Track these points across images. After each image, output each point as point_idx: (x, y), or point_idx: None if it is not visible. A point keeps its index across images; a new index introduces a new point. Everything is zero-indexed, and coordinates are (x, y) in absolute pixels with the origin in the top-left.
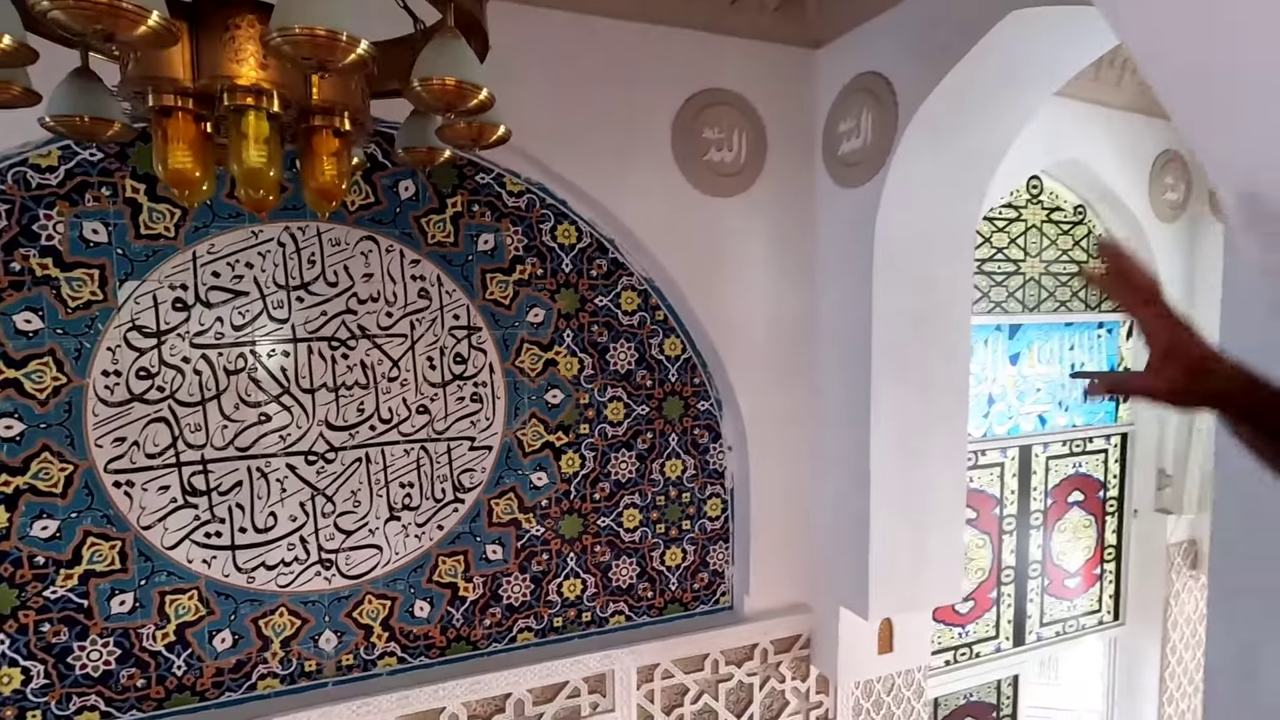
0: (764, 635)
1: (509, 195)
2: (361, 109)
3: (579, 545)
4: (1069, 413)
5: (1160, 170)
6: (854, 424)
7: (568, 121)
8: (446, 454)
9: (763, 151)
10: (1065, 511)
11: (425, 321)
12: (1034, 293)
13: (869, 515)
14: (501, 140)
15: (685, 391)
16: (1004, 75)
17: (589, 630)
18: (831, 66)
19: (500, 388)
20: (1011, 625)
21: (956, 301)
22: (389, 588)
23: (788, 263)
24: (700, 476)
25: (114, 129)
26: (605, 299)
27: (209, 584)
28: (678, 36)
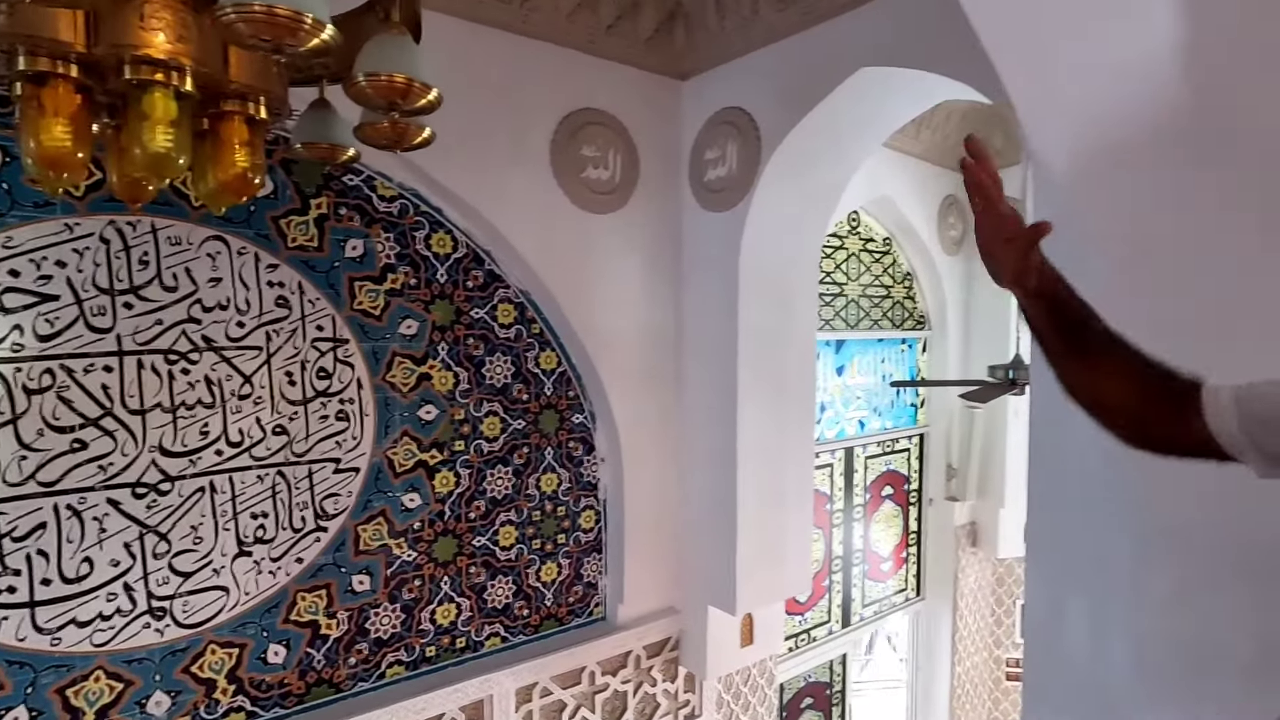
0: (637, 642)
1: (380, 199)
2: (280, 96)
3: (453, 568)
4: (882, 417)
5: (945, 211)
6: (720, 431)
7: (447, 128)
8: (307, 478)
9: (635, 172)
10: (880, 504)
11: (284, 332)
12: (854, 312)
13: (735, 517)
14: (425, 143)
15: (561, 404)
16: (851, 121)
17: (464, 656)
18: (698, 98)
19: (369, 404)
20: (840, 609)
21: (805, 318)
22: (236, 633)
23: (658, 279)
24: (575, 489)
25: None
26: (482, 311)
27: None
28: (559, 54)
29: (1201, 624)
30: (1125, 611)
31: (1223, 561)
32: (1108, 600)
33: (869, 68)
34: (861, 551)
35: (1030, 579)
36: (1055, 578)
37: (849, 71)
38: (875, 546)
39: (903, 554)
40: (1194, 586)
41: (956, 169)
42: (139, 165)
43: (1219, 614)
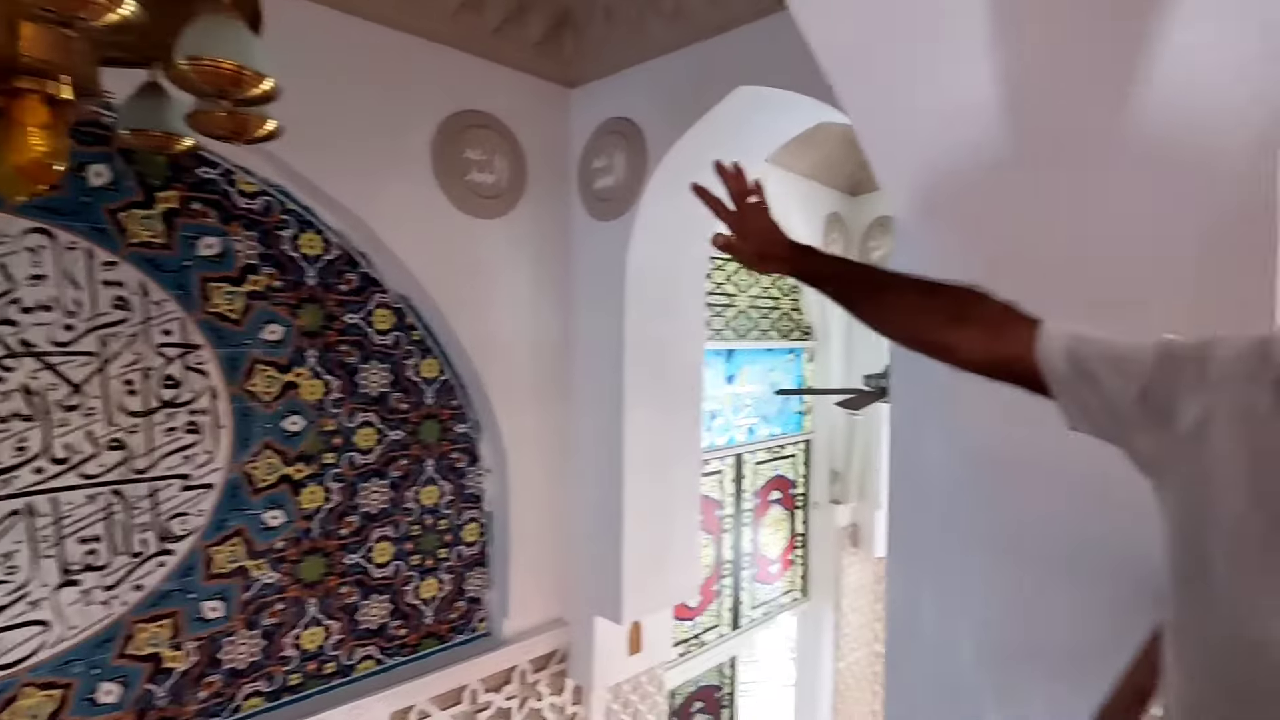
0: (523, 656)
1: (240, 196)
2: (88, 75)
3: (322, 589)
4: (770, 424)
5: (828, 227)
6: (608, 440)
7: (318, 123)
8: (150, 497)
9: (523, 178)
10: (768, 508)
11: (122, 337)
12: (744, 322)
13: (621, 525)
14: (269, 136)
15: (443, 414)
16: (733, 136)
17: (333, 682)
18: (585, 106)
19: (225, 415)
20: (730, 612)
21: (692, 329)
22: (59, 673)
23: (545, 286)
24: (458, 501)
25: None
26: (356, 316)
27: None
28: (442, 53)
29: (1034, 620)
30: (972, 607)
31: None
32: (957, 596)
33: (746, 86)
34: (750, 555)
35: (890, 576)
36: (912, 575)
37: (728, 89)
38: (764, 550)
39: (790, 556)
40: (1028, 585)
41: (839, 187)
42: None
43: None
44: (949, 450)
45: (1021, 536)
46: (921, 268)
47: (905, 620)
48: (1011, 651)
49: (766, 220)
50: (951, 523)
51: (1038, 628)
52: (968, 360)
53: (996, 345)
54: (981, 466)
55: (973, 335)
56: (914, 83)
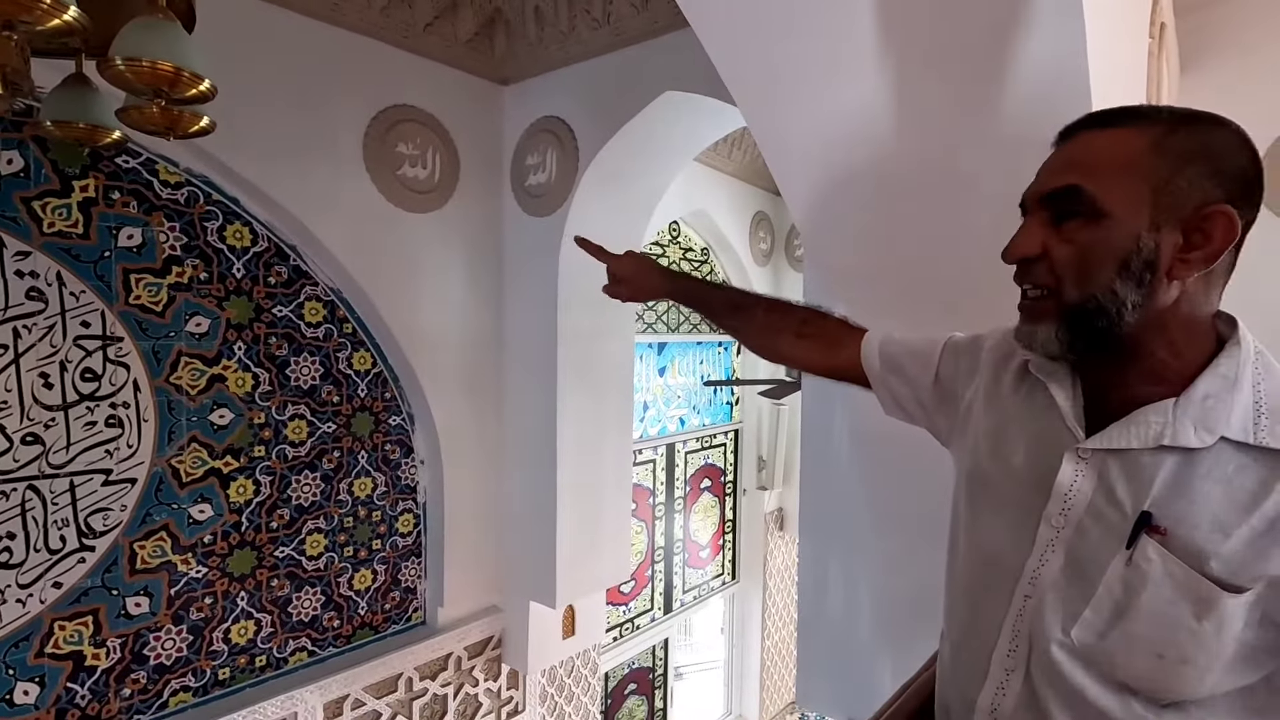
0: (458, 643)
1: (163, 185)
2: (20, 70)
3: (252, 582)
4: (700, 414)
5: (756, 226)
6: (541, 430)
7: (246, 115)
8: (69, 492)
9: (456, 173)
10: (699, 496)
11: (38, 329)
12: (675, 317)
13: (555, 513)
14: (202, 132)
15: (376, 407)
16: (660, 138)
17: (264, 675)
18: (518, 104)
19: (148, 409)
20: (663, 597)
21: (623, 322)
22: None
23: (479, 280)
24: (392, 493)
25: None
26: (286, 309)
27: None
28: (373, 48)
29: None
30: (871, 574)
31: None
32: (859, 565)
33: (672, 91)
34: (682, 541)
35: (802, 550)
36: (820, 548)
37: (655, 93)
38: (695, 536)
39: (720, 541)
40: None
41: (766, 187)
42: None
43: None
44: (852, 439)
45: (908, 509)
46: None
47: (814, 588)
48: (903, 611)
49: (636, 261)
50: (853, 499)
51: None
52: (811, 368)
53: (831, 356)
54: (874, 448)
55: (813, 348)
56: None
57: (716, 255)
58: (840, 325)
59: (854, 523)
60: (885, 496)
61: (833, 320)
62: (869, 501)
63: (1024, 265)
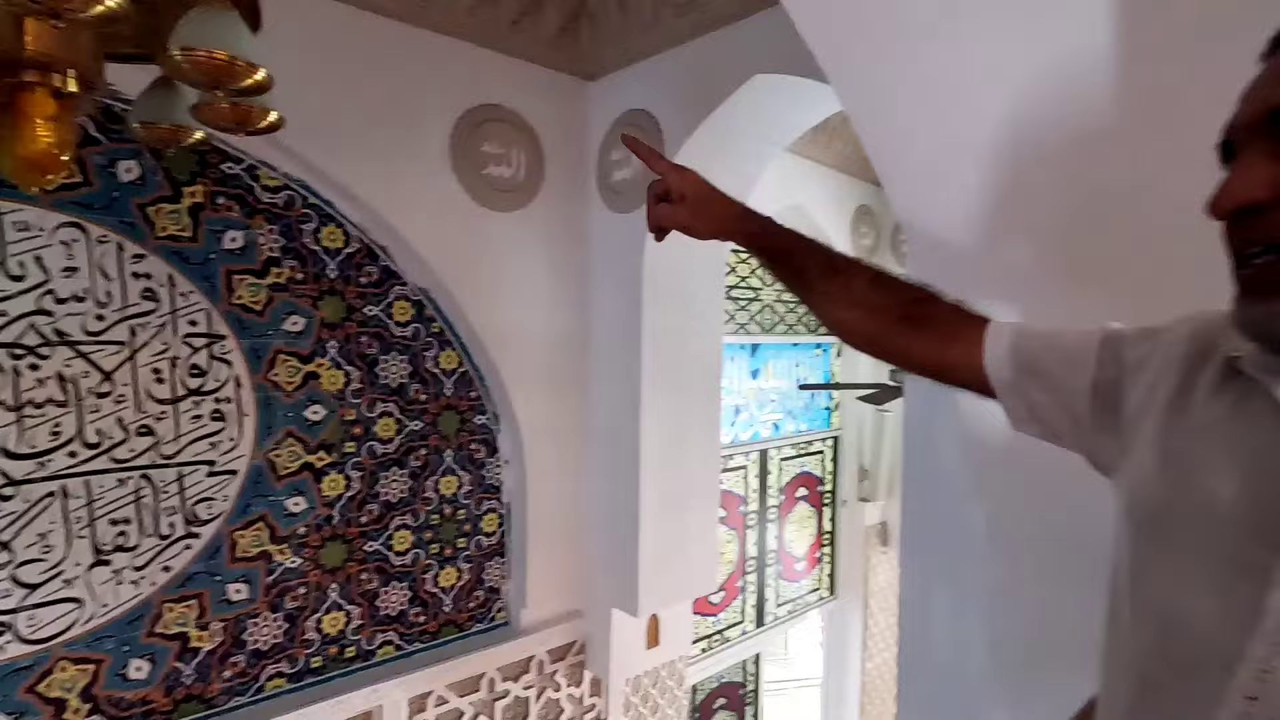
0: (540, 646)
1: (263, 190)
2: (92, 68)
3: (342, 575)
4: (796, 420)
5: (858, 220)
6: (624, 433)
7: (338, 118)
8: (177, 482)
9: (540, 171)
10: (794, 505)
11: (151, 327)
12: (770, 317)
13: (638, 518)
14: (272, 127)
15: (461, 406)
16: (749, 126)
17: (353, 666)
18: (603, 99)
19: (249, 404)
20: (754, 609)
21: (711, 321)
22: (92, 648)
23: (563, 278)
24: (477, 492)
25: None
26: (376, 308)
27: None
28: (459, 48)
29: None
30: (984, 606)
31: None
32: (970, 595)
33: (762, 75)
34: (775, 552)
35: (904, 573)
36: (925, 573)
37: (744, 78)
38: (790, 547)
39: (816, 554)
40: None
41: (869, 178)
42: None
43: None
44: (960, 445)
45: (1028, 533)
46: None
47: (918, 618)
48: (1024, 651)
49: (702, 181)
50: (964, 520)
51: (1050, 628)
52: (913, 364)
53: (941, 350)
54: (994, 462)
55: (918, 339)
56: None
57: None
58: (954, 311)
59: (963, 546)
60: (1000, 518)
61: (945, 304)
62: (980, 523)
63: (1245, 218)
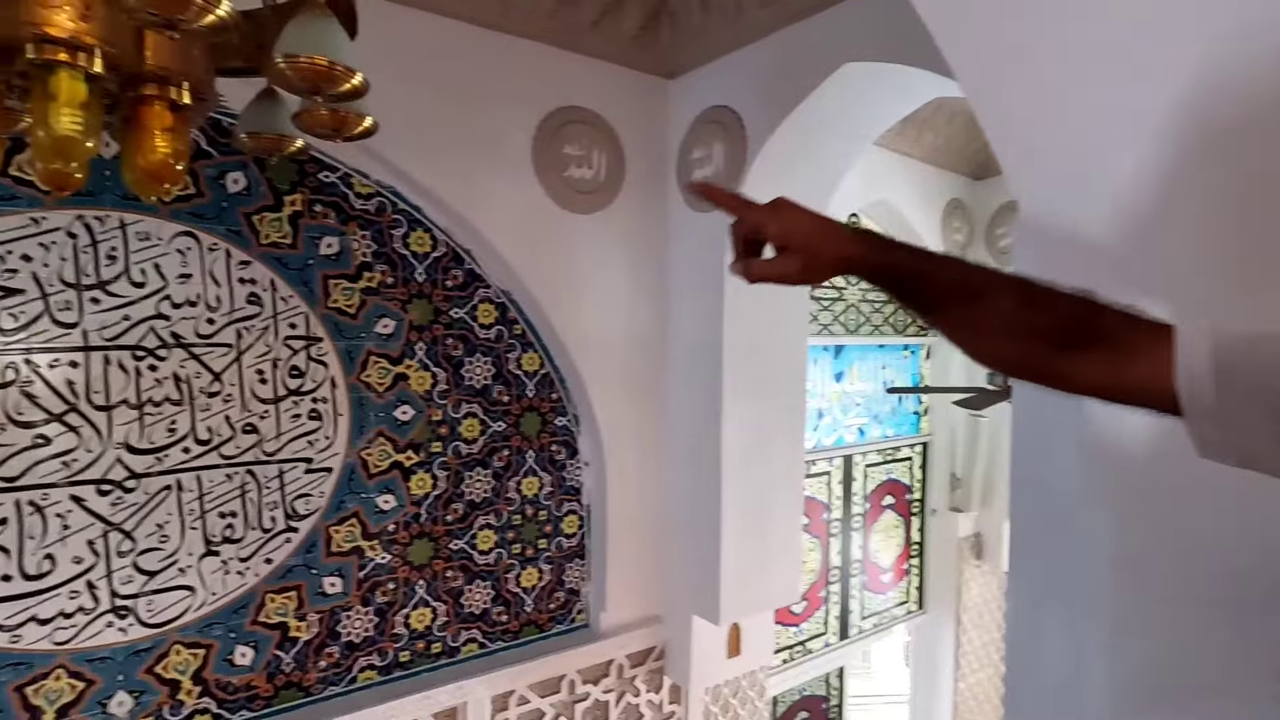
0: (619, 650)
1: (357, 197)
2: (204, 81)
3: (429, 571)
4: (882, 425)
5: (949, 215)
6: (706, 437)
7: (424, 124)
8: (278, 478)
9: (621, 171)
10: (880, 514)
11: (255, 330)
12: (854, 317)
13: (720, 524)
14: (367, 132)
15: (543, 407)
16: (838, 119)
17: (439, 662)
18: (684, 96)
19: (343, 404)
20: (838, 621)
21: (794, 322)
22: (203, 634)
23: (643, 280)
24: (557, 493)
25: None
26: (461, 311)
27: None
28: (540, 51)
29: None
30: (1104, 635)
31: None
32: (1087, 622)
33: (853, 63)
34: (860, 562)
35: (1011, 596)
36: (1036, 595)
37: (832, 68)
38: (875, 557)
39: (904, 565)
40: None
41: (961, 171)
42: (45, 149)
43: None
44: (1085, 452)
45: (1168, 553)
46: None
47: (1027, 642)
48: (1150, 687)
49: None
50: (1083, 535)
51: (1184, 657)
52: (1088, 391)
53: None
54: (1126, 471)
55: (1093, 361)
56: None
57: None
58: (1126, 321)
59: (1082, 564)
60: (1129, 534)
61: (1114, 314)
62: (1104, 539)
63: None
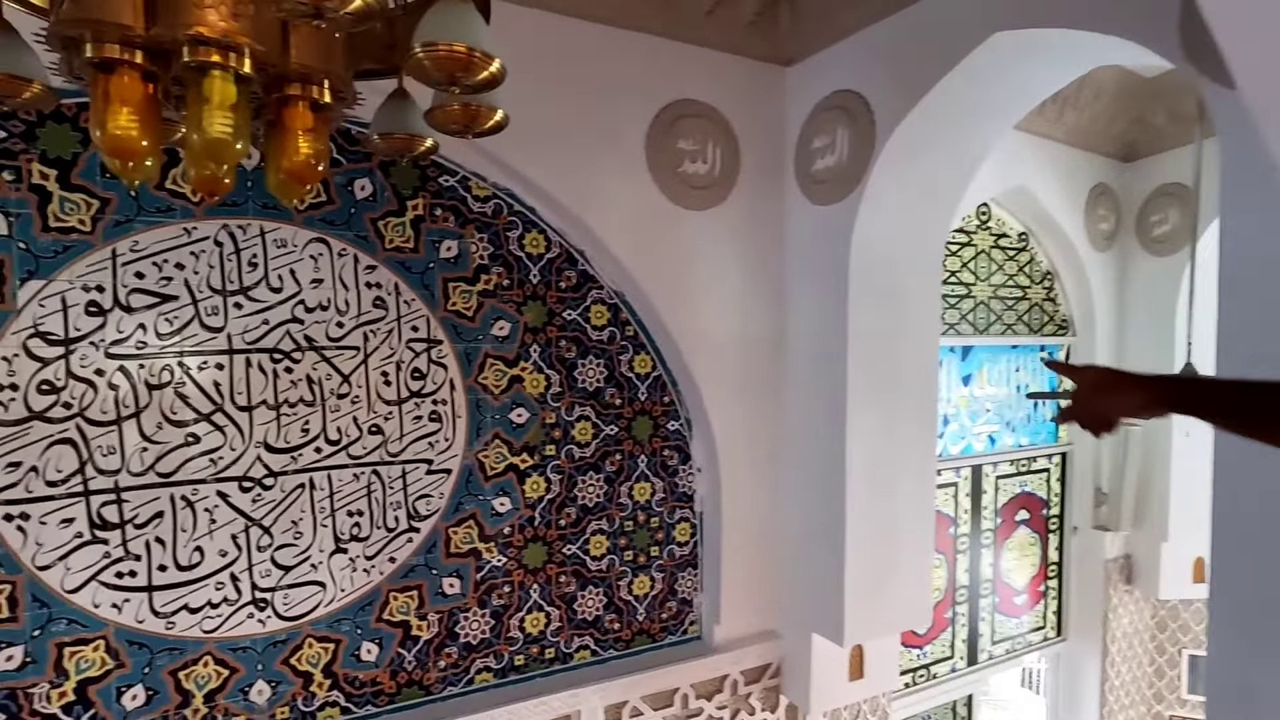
0: (734, 666)
1: (474, 200)
2: (343, 78)
3: (543, 575)
4: (1016, 433)
5: (1094, 201)
6: (827, 444)
7: (539, 124)
8: (401, 478)
9: (736, 165)
10: (1013, 530)
11: (380, 333)
12: (983, 316)
13: (844, 538)
14: (498, 126)
15: (655, 411)
16: (981, 97)
17: (553, 667)
18: (803, 83)
19: (461, 406)
20: (965, 645)
21: (926, 320)
22: (332, 629)
23: (759, 278)
24: (669, 500)
25: (32, 91)
26: (574, 312)
27: (119, 632)
28: (654, 44)
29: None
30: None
31: None
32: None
33: (1004, 32)
34: (991, 582)
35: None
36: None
37: (978, 40)
38: (1007, 577)
39: (1040, 587)
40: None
41: (1108, 153)
42: (198, 152)
43: None
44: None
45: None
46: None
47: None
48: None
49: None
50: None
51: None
52: None
53: None
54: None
55: None
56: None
57: (1037, 240)
58: None
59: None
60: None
61: None
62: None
63: None
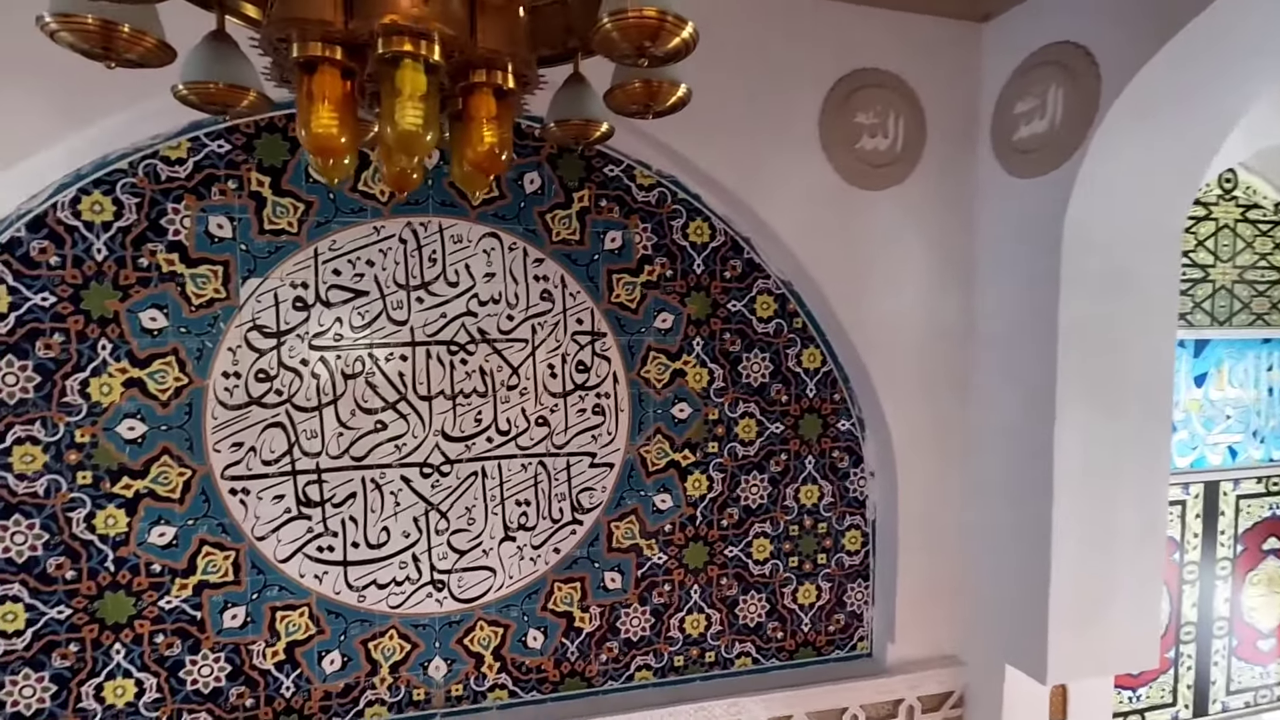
0: (910, 690)
1: (638, 189)
2: (527, 61)
3: (704, 576)
4: (1265, 444)
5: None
6: (1030, 450)
7: (704, 104)
8: (565, 470)
9: (921, 138)
10: (1260, 560)
11: (547, 326)
12: (1225, 303)
13: (1049, 560)
14: (680, 103)
15: (824, 409)
16: (1238, 43)
17: (712, 672)
18: (1004, 40)
19: (624, 400)
20: (1192, 691)
21: (1160, 309)
22: (502, 614)
23: (946, 264)
24: (839, 505)
25: (249, 98)
26: (739, 304)
27: (320, 601)
28: (826, 10)
29: None
30: None
31: None
32: None
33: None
34: (1228, 620)
35: None
36: None
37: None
38: (1249, 616)
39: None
40: None
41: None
42: (390, 144)
43: None
44: None
45: None
46: None
47: None
48: None
49: None
50: None
51: None
52: None
53: None
54: None
55: None
56: None
57: None
58: None
59: None
60: None
61: None
62: None
63: None
